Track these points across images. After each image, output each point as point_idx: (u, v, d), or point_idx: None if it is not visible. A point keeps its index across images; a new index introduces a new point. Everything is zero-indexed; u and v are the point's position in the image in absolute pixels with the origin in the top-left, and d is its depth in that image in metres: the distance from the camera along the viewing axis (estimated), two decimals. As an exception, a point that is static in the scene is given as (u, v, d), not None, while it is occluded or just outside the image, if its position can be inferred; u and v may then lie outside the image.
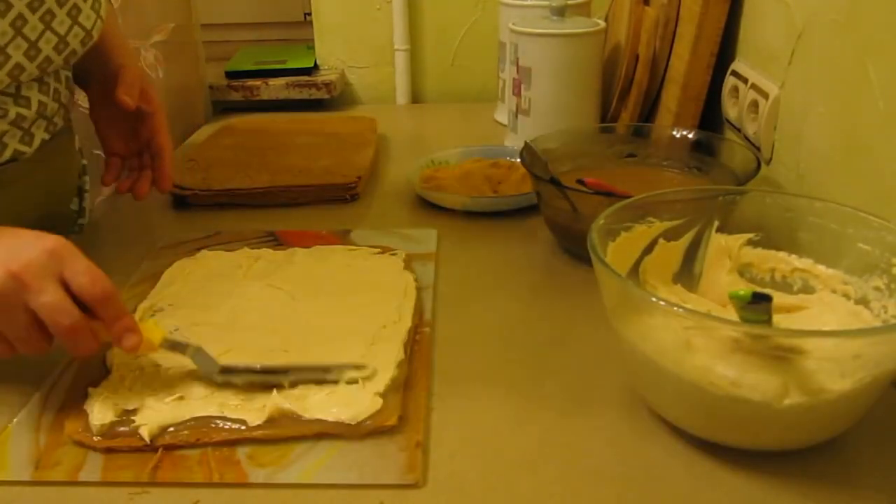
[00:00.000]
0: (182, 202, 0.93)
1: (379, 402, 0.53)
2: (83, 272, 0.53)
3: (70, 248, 0.53)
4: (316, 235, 0.82)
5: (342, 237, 0.81)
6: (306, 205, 0.91)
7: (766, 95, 0.81)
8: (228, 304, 0.67)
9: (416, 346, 0.62)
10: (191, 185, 0.93)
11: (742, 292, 0.49)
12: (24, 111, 0.70)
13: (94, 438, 0.52)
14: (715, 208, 0.63)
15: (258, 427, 0.52)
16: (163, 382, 0.57)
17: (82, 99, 0.88)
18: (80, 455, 0.51)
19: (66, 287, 0.52)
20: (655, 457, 0.51)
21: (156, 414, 0.53)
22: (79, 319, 0.52)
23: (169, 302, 0.68)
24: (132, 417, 0.53)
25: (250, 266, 0.74)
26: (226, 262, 0.75)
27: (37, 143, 0.73)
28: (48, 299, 0.51)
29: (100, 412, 0.53)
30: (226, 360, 0.58)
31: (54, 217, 0.81)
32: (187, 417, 0.53)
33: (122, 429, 0.52)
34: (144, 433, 0.51)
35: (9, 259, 0.51)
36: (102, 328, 0.54)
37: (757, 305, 0.49)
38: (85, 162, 0.90)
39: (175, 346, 0.57)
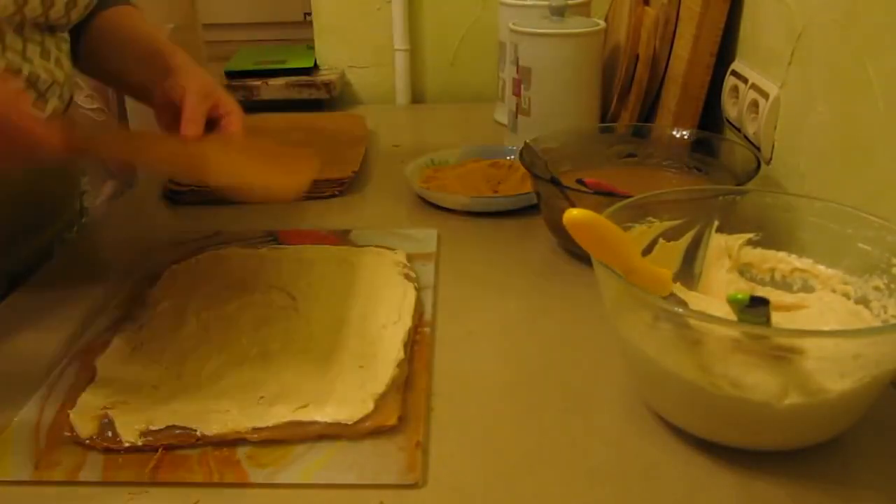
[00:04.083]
0: (179, 199, 0.93)
1: (373, 404, 0.53)
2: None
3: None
4: (316, 235, 0.82)
5: (342, 237, 0.81)
6: (301, 200, 0.91)
7: (766, 95, 0.81)
8: (228, 303, 0.67)
9: (416, 346, 0.62)
10: (188, 182, 0.93)
11: (740, 295, 0.49)
12: (37, 70, 0.70)
13: (86, 441, 0.52)
14: (715, 208, 0.63)
15: (257, 430, 0.52)
16: (149, 386, 0.57)
17: (82, 100, 0.88)
18: (80, 455, 0.51)
19: None
20: (655, 457, 0.51)
21: (136, 418, 0.53)
22: None
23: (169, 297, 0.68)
24: (114, 421, 0.53)
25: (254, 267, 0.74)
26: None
27: (49, 109, 0.72)
28: None
29: (83, 417, 0.53)
30: (215, 363, 0.58)
31: (54, 212, 0.79)
32: (170, 424, 0.52)
33: (108, 433, 0.52)
34: (130, 437, 0.51)
35: None
36: None
37: (755, 309, 0.49)
38: (86, 188, 0.89)
39: None
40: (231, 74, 1.35)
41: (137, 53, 0.79)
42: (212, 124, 0.73)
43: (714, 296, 0.59)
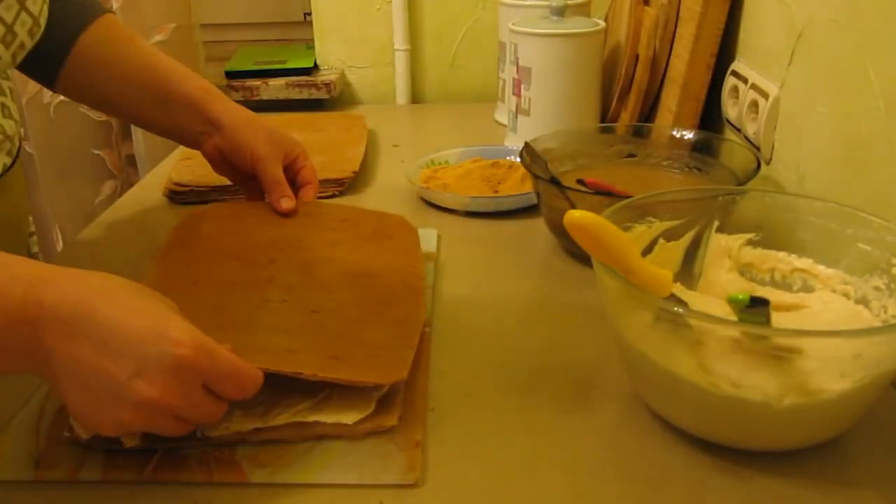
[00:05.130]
0: (180, 199, 0.93)
1: (374, 405, 0.53)
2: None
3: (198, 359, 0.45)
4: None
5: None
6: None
7: (766, 95, 0.81)
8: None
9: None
10: (188, 182, 0.93)
11: (741, 296, 0.49)
12: None
13: (86, 441, 0.51)
14: (715, 208, 0.63)
15: (258, 430, 0.52)
16: None
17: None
18: (80, 455, 0.51)
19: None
20: (655, 457, 0.51)
21: None
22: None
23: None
24: None
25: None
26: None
27: None
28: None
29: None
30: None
31: None
32: None
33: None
34: (130, 437, 0.51)
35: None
36: None
37: (755, 309, 0.49)
38: (33, 229, 0.82)
39: None
40: (231, 74, 1.35)
41: (155, 93, 0.73)
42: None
43: (714, 296, 0.59)
